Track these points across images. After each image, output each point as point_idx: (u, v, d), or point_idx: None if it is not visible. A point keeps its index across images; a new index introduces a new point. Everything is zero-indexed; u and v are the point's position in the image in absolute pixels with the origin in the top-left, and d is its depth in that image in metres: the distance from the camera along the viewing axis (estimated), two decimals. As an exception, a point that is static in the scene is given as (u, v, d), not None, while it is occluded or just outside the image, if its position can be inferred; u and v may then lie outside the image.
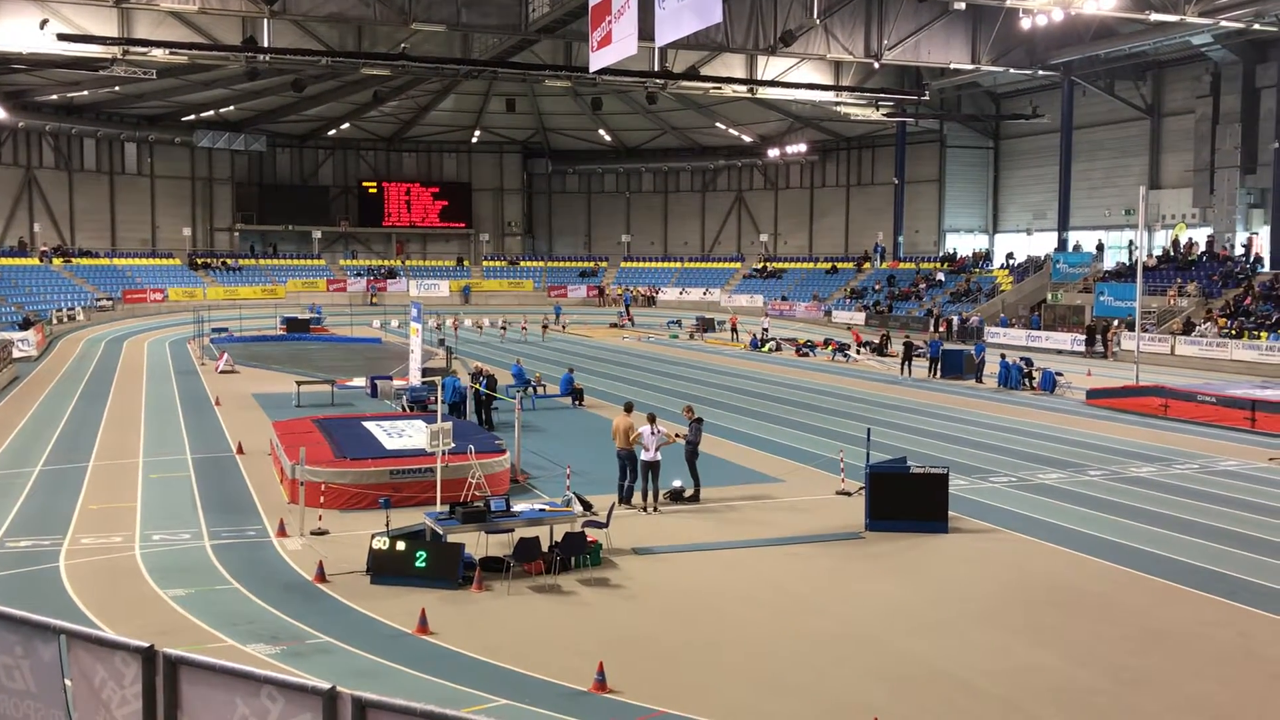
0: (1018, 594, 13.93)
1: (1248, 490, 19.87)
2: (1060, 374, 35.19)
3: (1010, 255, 62.73)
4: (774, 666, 11.36)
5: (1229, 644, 12.06)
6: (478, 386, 26.28)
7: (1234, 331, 42.17)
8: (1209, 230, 51.42)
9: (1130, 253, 52.70)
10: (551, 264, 79.26)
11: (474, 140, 77.46)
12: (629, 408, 19.02)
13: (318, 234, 76.00)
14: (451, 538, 14.37)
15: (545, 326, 56.00)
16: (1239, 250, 49.31)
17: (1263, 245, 48.31)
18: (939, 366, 38.25)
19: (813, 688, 10.81)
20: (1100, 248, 55.96)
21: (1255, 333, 41.52)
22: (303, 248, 76.44)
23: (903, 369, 39.23)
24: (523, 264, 78.95)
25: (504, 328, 54.54)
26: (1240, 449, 24.19)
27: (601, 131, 75.09)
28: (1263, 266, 47.02)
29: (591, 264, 79.26)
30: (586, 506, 16.08)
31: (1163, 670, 11.31)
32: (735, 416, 28.37)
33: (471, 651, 11.62)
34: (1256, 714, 10.19)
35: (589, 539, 14.82)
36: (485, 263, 78.30)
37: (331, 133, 75.40)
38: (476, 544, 14.82)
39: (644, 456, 17.92)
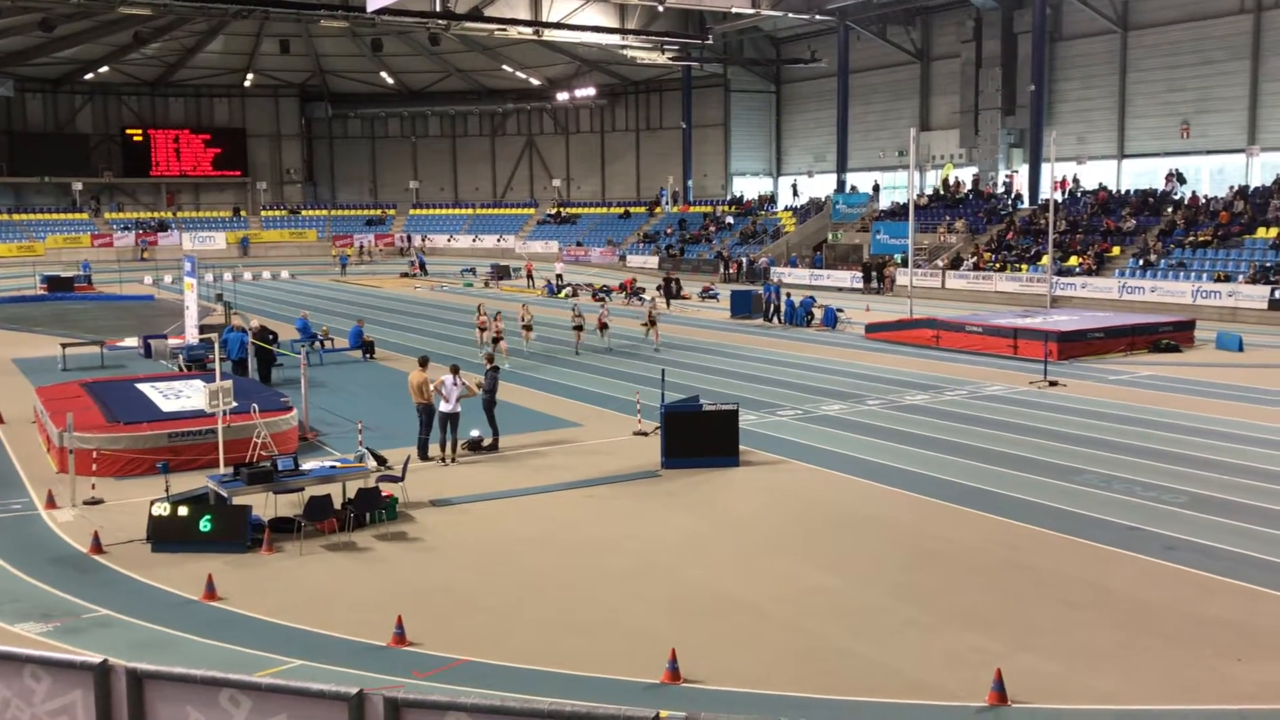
0: (804, 521, 14.54)
1: (1012, 413, 21.30)
2: (841, 310, 36.69)
3: (795, 191, 64.72)
4: (571, 607, 11.50)
5: (996, 556, 12.95)
6: (258, 342, 25.29)
7: (997, 265, 44.93)
8: (974, 169, 54.44)
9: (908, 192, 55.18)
10: (336, 212, 76.63)
11: (247, 84, 73.76)
12: (424, 362, 18.71)
13: (78, 186, 70.82)
14: (237, 500, 13.84)
15: (603, 325, 32.28)
16: (1001, 188, 52.45)
17: (1022, 183, 51.54)
18: (779, 312, 37.57)
19: (610, 623, 11.02)
20: (876, 188, 58.46)
21: (1016, 265, 44.38)
22: (62, 201, 71.24)
23: (668, 303, 43.11)
24: (304, 213, 76.02)
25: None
26: (1005, 374, 25.88)
27: (384, 74, 72.80)
28: (1022, 203, 50.18)
29: (379, 211, 77.13)
30: (380, 461, 15.78)
31: (936, 584, 12.06)
32: (534, 364, 28.34)
33: (263, 614, 11.28)
34: (1019, 618, 11.01)
35: (384, 494, 14.57)
36: (264, 212, 74.98)
37: (89, 76, 70.18)
38: (265, 505, 14.34)
39: (443, 408, 17.69)
